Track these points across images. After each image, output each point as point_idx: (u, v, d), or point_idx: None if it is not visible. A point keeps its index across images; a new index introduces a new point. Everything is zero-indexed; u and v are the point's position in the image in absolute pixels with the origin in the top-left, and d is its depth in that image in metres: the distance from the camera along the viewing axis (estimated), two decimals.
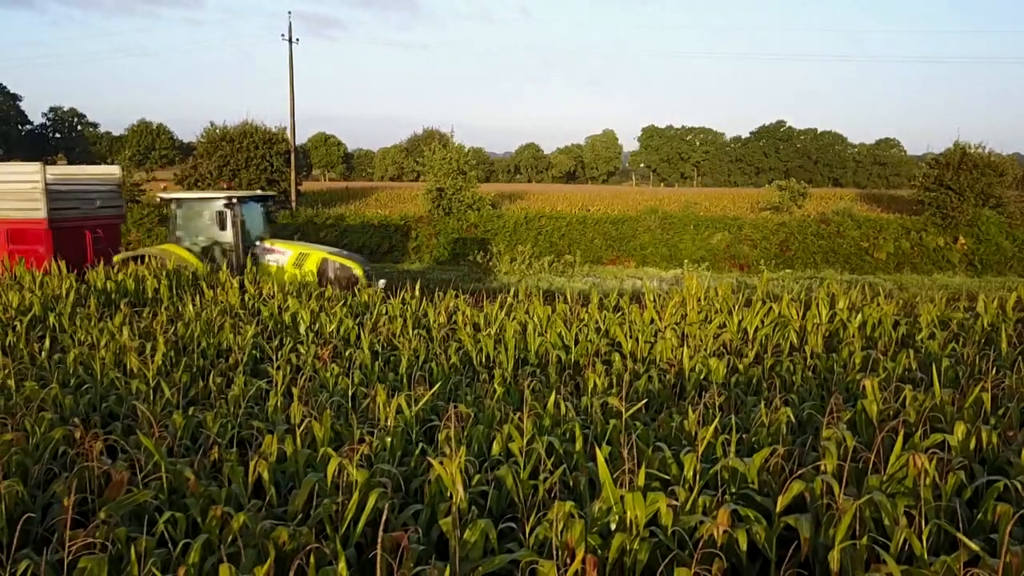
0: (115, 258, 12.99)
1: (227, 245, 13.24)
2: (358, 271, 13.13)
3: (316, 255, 13.30)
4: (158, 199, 13.88)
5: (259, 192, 13.50)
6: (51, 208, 13.62)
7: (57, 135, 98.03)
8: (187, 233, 13.39)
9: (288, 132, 35.62)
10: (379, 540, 3.45)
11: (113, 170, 16.00)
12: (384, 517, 3.91)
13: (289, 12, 49.36)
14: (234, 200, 13.17)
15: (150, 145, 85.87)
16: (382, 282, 13.38)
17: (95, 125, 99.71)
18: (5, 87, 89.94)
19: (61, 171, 15.38)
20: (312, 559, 3.21)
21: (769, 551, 3.56)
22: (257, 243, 13.52)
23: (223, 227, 13.02)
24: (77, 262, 13.70)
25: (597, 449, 4.04)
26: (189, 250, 13.09)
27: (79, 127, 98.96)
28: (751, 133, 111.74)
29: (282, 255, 13.32)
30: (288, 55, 37.49)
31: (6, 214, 13.68)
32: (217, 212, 13.05)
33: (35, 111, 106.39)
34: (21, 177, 13.74)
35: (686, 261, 22.73)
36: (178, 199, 13.53)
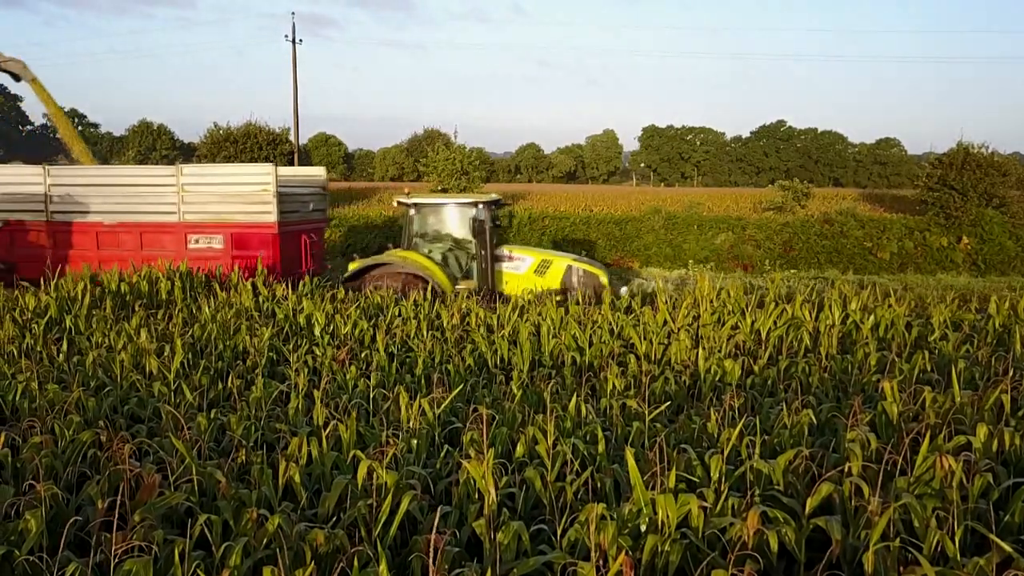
0: (351, 265, 12.32)
1: (472, 252, 12.45)
2: (603, 278, 12.39)
3: (561, 262, 12.52)
4: (395, 203, 13.10)
5: (493, 196, 12.76)
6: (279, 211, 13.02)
7: (57, 136, 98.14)
8: (426, 239, 12.71)
9: (291, 133, 35.67)
10: (416, 542, 3.50)
11: (319, 171, 15.39)
12: (415, 521, 3.98)
13: (293, 13, 49.44)
14: (481, 204, 12.44)
15: (151, 145, 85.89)
16: (624, 290, 12.72)
17: (96, 125, 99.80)
18: (6, 88, 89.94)
19: (280, 172, 14.81)
20: (356, 562, 3.24)
21: (798, 553, 3.59)
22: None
23: (477, 233, 12.14)
24: (295, 268, 13.32)
25: (625, 451, 4.08)
26: (428, 257, 12.37)
27: (80, 127, 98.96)
28: (751, 133, 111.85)
29: (522, 262, 12.53)
30: (292, 55, 37.54)
31: (231, 217, 13.04)
32: (472, 218, 12.30)
33: (36, 112, 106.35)
34: (250, 179, 13.11)
35: (690, 261, 22.75)
36: (418, 203, 12.63)
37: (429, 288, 10.68)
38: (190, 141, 70.73)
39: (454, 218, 12.68)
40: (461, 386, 6.09)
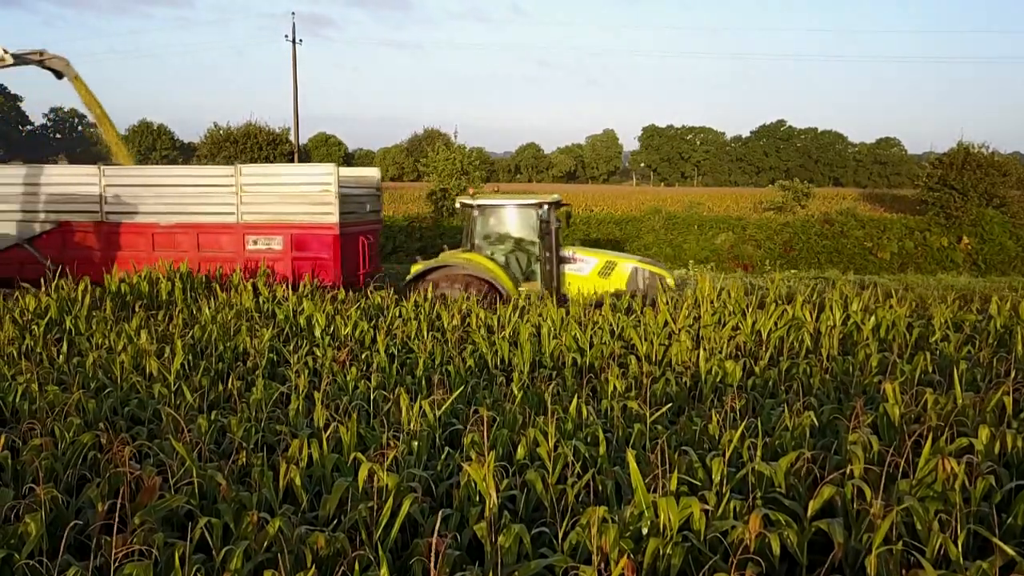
0: (413, 268, 12.12)
1: (535, 254, 12.19)
2: (670, 279, 12.10)
3: (626, 263, 12.26)
4: (458, 205, 12.86)
5: (556, 197, 12.48)
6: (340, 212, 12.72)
7: (58, 136, 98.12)
8: (488, 241, 12.39)
9: (291, 133, 35.66)
10: (417, 545, 3.49)
11: (374, 172, 15.10)
12: (416, 524, 3.97)
13: (293, 13, 49.44)
14: (547, 205, 12.20)
15: (151, 145, 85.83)
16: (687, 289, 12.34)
17: (96, 125, 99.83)
18: (6, 88, 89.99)
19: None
20: (357, 565, 3.23)
21: (800, 556, 3.58)
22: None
23: (543, 234, 11.87)
24: (354, 271, 13.09)
25: (627, 453, 4.07)
26: (491, 259, 12.08)
27: (80, 128, 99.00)
28: (751, 132, 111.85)
29: (585, 263, 12.21)
30: (292, 55, 37.54)
31: (291, 218, 12.70)
32: (538, 219, 12.01)
33: (36, 112, 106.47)
34: (311, 179, 12.76)
35: (691, 261, 22.75)
36: (481, 204, 12.36)
37: (481, 290, 10.60)
38: (190, 141, 70.68)
39: (518, 219, 12.39)
40: (462, 388, 6.08)
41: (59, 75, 13.64)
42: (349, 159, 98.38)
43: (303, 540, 3.53)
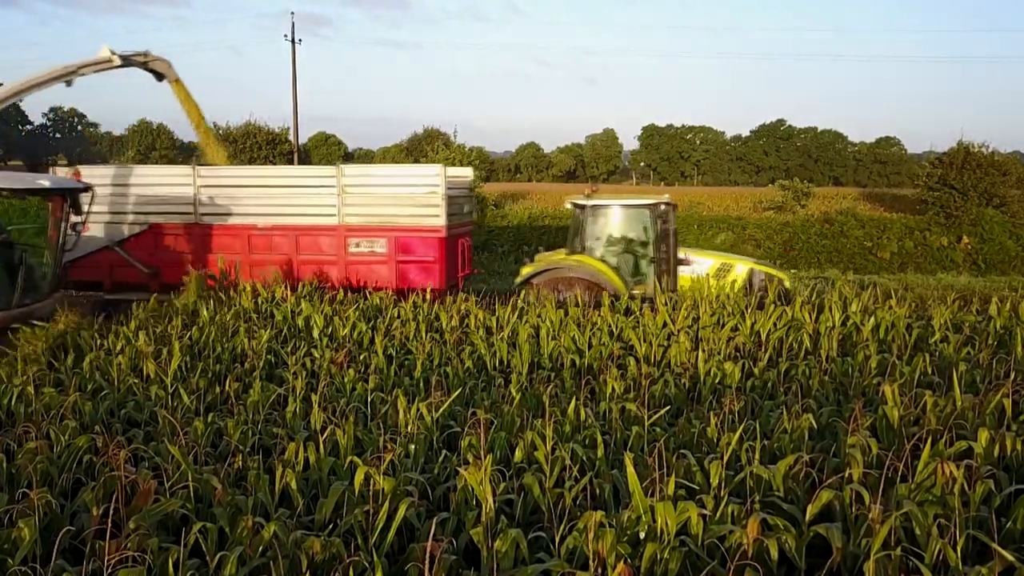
0: (523, 270, 11.93)
1: (648, 255, 11.96)
2: (788, 282, 11.97)
3: (742, 265, 12.10)
4: (569, 205, 12.58)
5: (666, 198, 12.25)
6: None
7: (57, 135, 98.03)
8: (600, 243, 12.15)
9: (291, 133, 35.65)
10: (413, 550, 3.47)
11: (467, 172, 14.70)
12: (413, 527, 3.94)
13: (292, 13, 49.38)
14: (664, 205, 11.95)
15: (151, 145, 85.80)
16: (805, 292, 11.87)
17: (95, 125, 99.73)
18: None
19: None
20: (352, 571, 3.21)
21: (799, 560, 3.56)
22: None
23: (662, 236, 11.69)
24: (453, 274, 12.81)
25: (624, 457, 4.05)
26: (603, 261, 11.93)
27: (79, 127, 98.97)
28: (751, 132, 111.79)
29: (699, 265, 12.06)
30: (291, 55, 37.54)
31: (396, 220, 12.25)
32: (654, 220, 11.81)
33: (35, 112, 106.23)
34: (417, 180, 12.32)
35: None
36: (592, 205, 12.17)
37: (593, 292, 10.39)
38: (190, 140, 70.60)
39: (630, 220, 12.17)
40: (460, 390, 6.06)
41: (159, 77, 13.17)
42: (349, 158, 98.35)
43: (298, 545, 3.51)
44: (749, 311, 8.58)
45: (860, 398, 5.66)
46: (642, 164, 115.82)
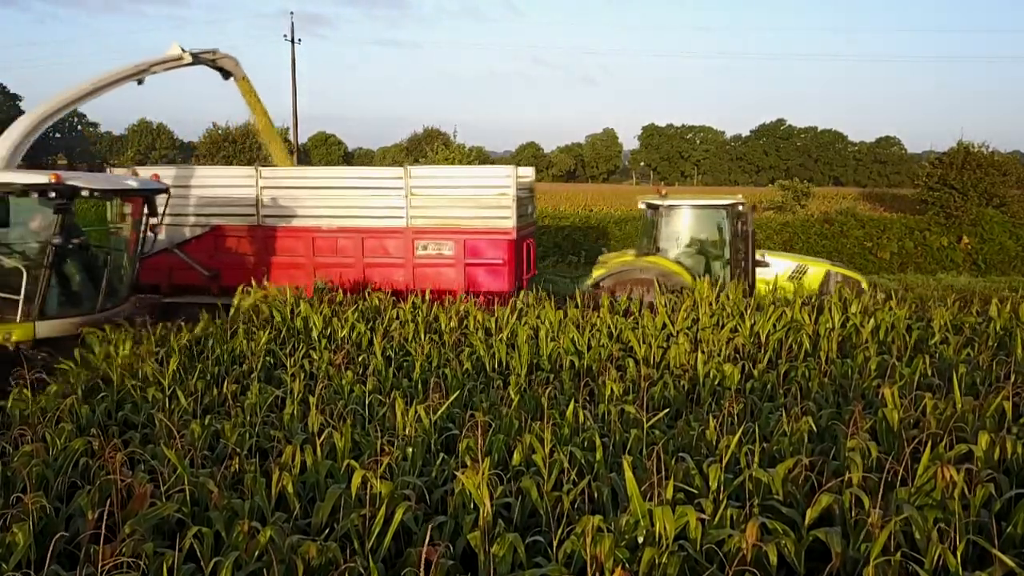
0: (595, 271, 11.82)
1: (723, 256, 11.93)
2: (865, 283, 11.85)
3: (819, 267, 12.05)
4: (642, 205, 12.41)
5: (740, 198, 12.09)
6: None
7: (57, 135, 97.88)
8: (674, 243, 12.07)
9: (291, 132, 35.63)
10: (410, 555, 3.45)
11: (529, 172, 14.30)
12: (410, 531, 3.92)
13: (291, 13, 49.37)
14: (741, 206, 11.85)
15: (150, 145, 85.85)
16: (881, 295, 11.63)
17: (95, 125, 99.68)
18: (5, 87, 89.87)
19: None
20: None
21: (798, 565, 3.54)
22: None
23: (741, 237, 11.56)
24: (519, 276, 12.60)
25: (622, 460, 4.03)
26: (678, 262, 11.81)
27: (79, 127, 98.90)
28: (751, 131, 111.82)
29: (775, 267, 11.99)
30: (291, 55, 37.53)
31: (464, 222, 11.96)
32: (732, 220, 11.69)
33: None
34: (487, 182, 12.04)
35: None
36: (669, 205, 12.06)
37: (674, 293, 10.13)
38: (190, 140, 70.60)
39: (705, 221, 12.09)
40: (458, 392, 6.03)
41: (226, 75, 12.85)
42: (348, 158, 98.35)
43: (294, 550, 3.49)
44: (748, 312, 8.56)
45: (860, 400, 5.64)
46: (642, 164, 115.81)
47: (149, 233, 9.57)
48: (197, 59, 11.78)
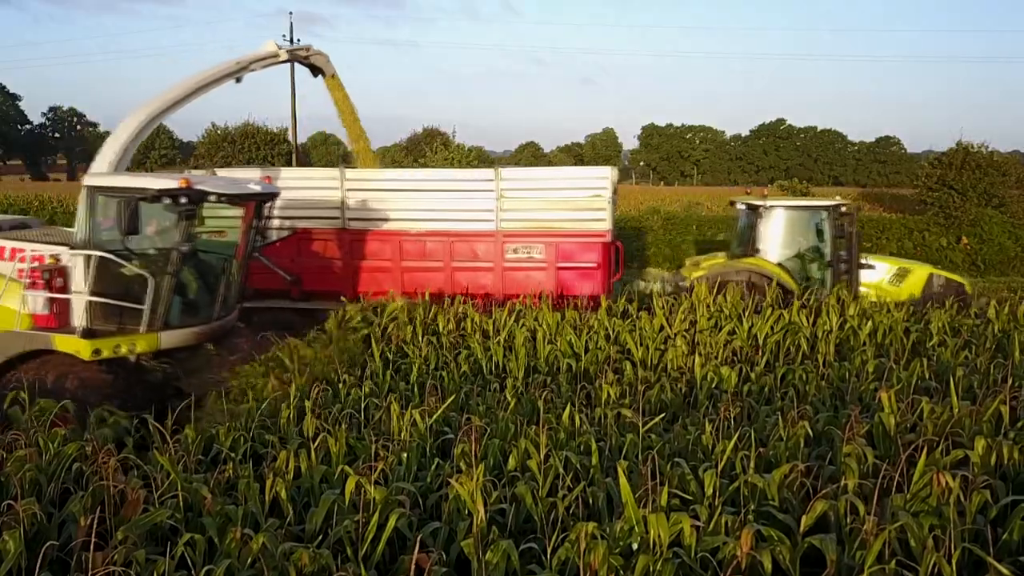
0: (694, 273, 11.57)
1: (822, 258, 11.71)
2: (969, 287, 11.65)
3: (921, 270, 11.78)
4: (741, 206, 12.19)
5: (840, 200, 11.93)
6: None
7: (56, 135, 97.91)
8: (773, 245, 11.84)
9: (290, 133, 35.61)
10: (403, 562, 3.43)
11: (614, 172, 13.60)
12: (405, 537, 3.91)
13: (291, 13, 49.37)
14: (844, 207, 11.66)
15: (150, 145, 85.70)
16: (983, 300, 11.73)
17: (95, 125, 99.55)
18: (4, 87, 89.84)
19: (576, 174, 13.04)
20: None
21: (793, 572, 3.52)
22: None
23: (845, 239, 11.41)
24: (610, 278, 12.23)
25: (617, 466, 4.01)
26: (779, 264, 11.61)
27: (79, 127, 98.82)
28: (751, 131, 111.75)
29: (875, 270, 11.74)
30: None
31: (556, 225, 11.57)
32: (832, 222, 11.52)
33: (35, 111, 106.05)
34: (582, 183, 11.74)
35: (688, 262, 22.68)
36: (769, 206, 11.88)
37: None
38: (189, 140, 70.47)
39: (806, 222, 11.91)
40: (454, 396, 6.01)
41: (315, 72, 12.37)
42: (348, 158, 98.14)
43: (287, 557, 3.48)
44: (746, 314, 8.54)
45: (857, 404, 5.62)
46: (642, 163, 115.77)
47: (258, 239, 9.15)
48: (292, 55, 11.39)
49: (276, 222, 11.79)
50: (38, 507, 3.87)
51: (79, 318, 7.30)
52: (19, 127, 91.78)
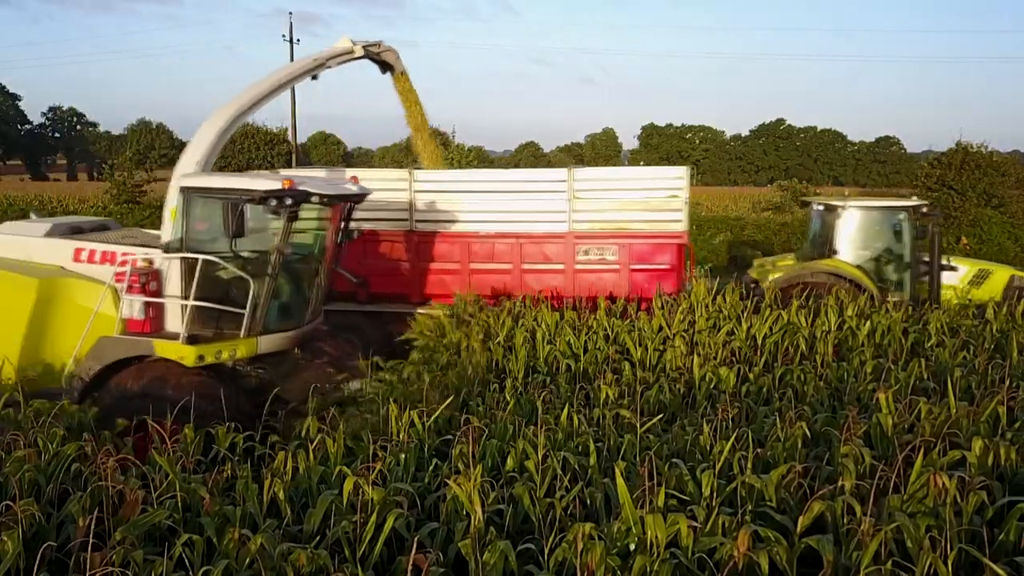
0: (770, 277, 11.55)
1: (907, 261, 11.63)
2: None
3: (1002, 272, 11.74)
4: (818, 207, 12.16)
5: (924, 202, 11.89)
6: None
7: (56, 135, 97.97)
8: (852, 246, 11.77)
9: (289, 133, 35.63)
10: (400, 563, 3.44)
11: (683, 171, 13.35)
12: (403, 538, 3.91)
13: (291, 13, 49.45)
14: (926, 208, 11.63)
15: (150, 144, 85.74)
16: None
17: (94, 124, 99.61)
18: (4, 87, 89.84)
19: (651, 174, 12.72)
20: None
21: (790, 572, 3.53)
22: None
23: (929, 240, 11.23)
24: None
25: (614, 466, 4.02)
26: (858, 266, 11.54)
27: (78, 127, 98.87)
28: (751, 131, 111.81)
29: (955, 271, 11.68)
30: (289, 55, 37.54)
31: (629, 226, 11.37)
32: (912, 223, 11.44)
33: (35, 111, 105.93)
34: (657, 183, 11.49)
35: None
36: (848, 207, 11.76)
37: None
38: (189, 140, 70.49)
39: (885, 223, 11.84)
40: (452, 397, 6.02)
41: (384, 69, 11.95)
42: (348, 158, 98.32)
43: (285, 557, 3.49)
44: (745, 315, 8.55)
45: (854, 405, 5.63)
46: (641, 163, 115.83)
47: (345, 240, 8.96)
48: (366, 51, 10.92)
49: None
50: (37, 508, 3.88)
51: (174, 323, 7.09)
52: (19, 127, 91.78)
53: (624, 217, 11.42)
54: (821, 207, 12.42)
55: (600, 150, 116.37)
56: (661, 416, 5.51)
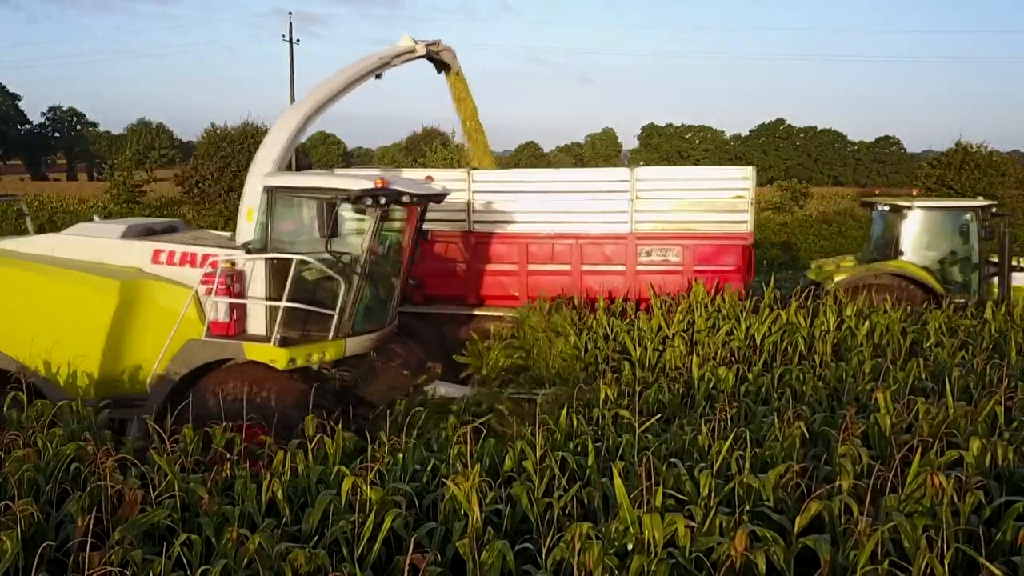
0: (836, 278, 11.48)
1: (975, 262, 11.52)
2: None
3: None
4: (884, 207, 12.06)
5: (985, 202, 11.68)
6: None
7: (56, 135, 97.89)
8: (918, 247, 11.66)
9: None
10: (399, 562, 3.44)
11: (749, 171, 12.79)
12: (401, 537, 3.92)
13: (290, 13, 49.41)
14: (992, 209, 11.51)
15: (150, 144, 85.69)
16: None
17: (94, 124, 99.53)
18: (4, 87, 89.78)
19: (716, 174, 12.53)
20: None
21: (787, 572, 3.54)
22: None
23: (998, 242, 11.24)
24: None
25: (612, 466, 4.03)
26: (925, 268, 11.45)
27: (78, 127, 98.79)
28: (750, 131, 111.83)
29: (1022, 274, 11.50)
30: (289, 54, 37.56)
31: (693, 227, 11.11)
32: (980, 224, 11.31)
33: (34, 111, 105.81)
34: (721, 183, 11.31)
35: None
36: (915, 207, 11.68)
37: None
38: (189, 140, 70.47)
39: (952, 224, 11.76)
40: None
41: (440, 68, 11.75)
42: (348, 157, 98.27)
43: (283, 557, 3.49)
44: (744, 315, 8.55)
45: (853, 405, 5.63)
46: (641, 163, 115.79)
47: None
48: (427, 50, 10.72)
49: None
50: (36, 507, 3.88)
51: (257, 325, 6.94)
52: (19, 127, 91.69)
53: (688, 217, 11.16)
54: (886, 208, 12.36)
55: (600, 150, 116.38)
56: (660, 416, 5.51)
